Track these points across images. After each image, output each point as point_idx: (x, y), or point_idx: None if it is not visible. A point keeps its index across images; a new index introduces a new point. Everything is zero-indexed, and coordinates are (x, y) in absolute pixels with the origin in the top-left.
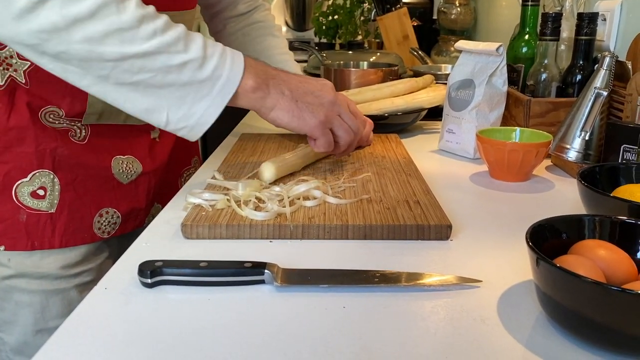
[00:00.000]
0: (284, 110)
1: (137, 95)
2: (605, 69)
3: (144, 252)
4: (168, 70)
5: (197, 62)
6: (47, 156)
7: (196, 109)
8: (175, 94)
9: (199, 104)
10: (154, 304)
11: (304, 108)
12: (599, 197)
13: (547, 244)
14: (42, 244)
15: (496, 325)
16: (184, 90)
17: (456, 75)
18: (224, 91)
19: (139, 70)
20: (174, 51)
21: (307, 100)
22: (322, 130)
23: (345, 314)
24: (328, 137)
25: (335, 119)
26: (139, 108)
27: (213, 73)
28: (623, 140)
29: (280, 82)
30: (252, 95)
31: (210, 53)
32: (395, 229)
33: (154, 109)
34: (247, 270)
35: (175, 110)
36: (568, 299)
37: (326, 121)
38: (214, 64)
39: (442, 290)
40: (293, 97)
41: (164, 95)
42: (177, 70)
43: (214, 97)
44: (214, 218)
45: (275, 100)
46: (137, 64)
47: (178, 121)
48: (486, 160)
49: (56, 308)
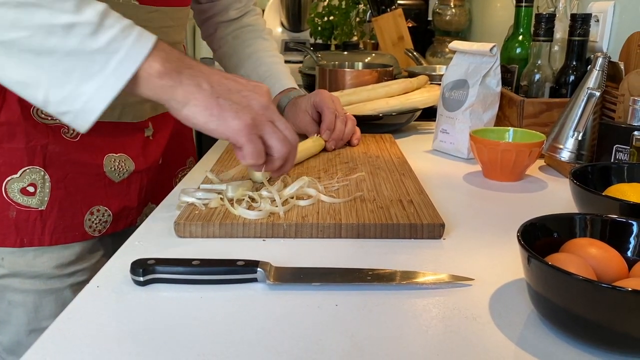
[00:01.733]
0: (201, 107)
1: (9, 61)
2: (598, 70)
3: (136, 251)
4: (50, 30)
5: (88, 28)
6: (38, 152)
7: (84, 89)
8: (57, 67)
9: (87, 83)
10: (146, 302)
11: (227, 107)
12: (590, 196)
13: (538, 243)
14: (31, 241)
15: (488, 323)
16: (69, 61)
17: (450, 76)
18: (120, 69)
19: (11, 25)
20: (59, 8)
21: (231, 99)
22: (248, 136)
23: (337, 312)
24: (256, 146)
25: (266, 124)
26: (11, 78)
27: (108, 45)
28: (615, 140)
29: (198, 73)
30: (158, 82)
31: (110, 23)
32: (388, 227)
33: (29, 82)
34: (240, 268)
35: (57, 88)
36: (559, 296)
37: (253, 125)
38: (112, 34)
39: (435, 289)
40: (214, 92)
41: (44, 66)
42: (61, 33)
43: (106, 75)
44: (207, 217)
45: (188, 93)
46: (10, 16)
47: (60, 103)
48: (479, 160)
49: (50, 308)
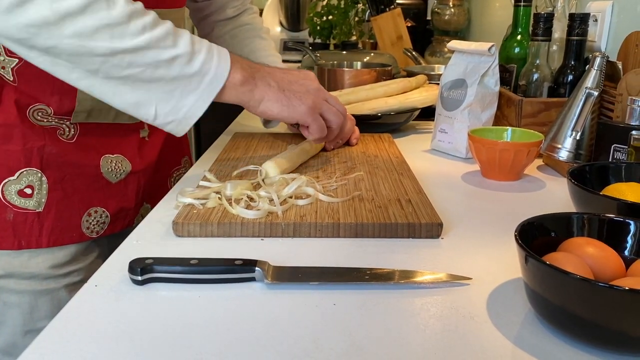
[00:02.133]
0: (273, 101)
1: (126, 89)
2: (596, 69)
3: (134, 250)
4: (157, 65)
5: (185, 57)
6: (35, 154)
7: (184, 103)
8: (163, 88)
9: (187, 98)
10: (144, 302)
11: (292, 96)
12: (588, 196)
13: (536, 242)
14: (29, 244)
15: (485, 322)
16: (172, 84)
17: (448, 75)
18: (212, 85)
19: (128, 65)
20: (162, 46)
21: (293, 89)
22: (313, 116)
23: (335, 311)
24: (320, 122)
25: (323, 103)
26: (127, 102)
27: (202, 67)
28: (613, 139)
29: (265, 74)
30: (240, 89)
31: (198, 48)
32: (386, 227)
33: (142, 103)
34: (238, 267)
35: (164, 105)
36: (556, 295)
37: (315, 107)
38: (202, 58)
39: (432, 288)
40: (280, 87)
41: (153, 90)
42: (166, 65)
43: (202, 91)
44: (206, 216)
45: (263, 92)
46: (127, 59)
47: (166, 115)
48: (478, 159)
49: (45, 308)
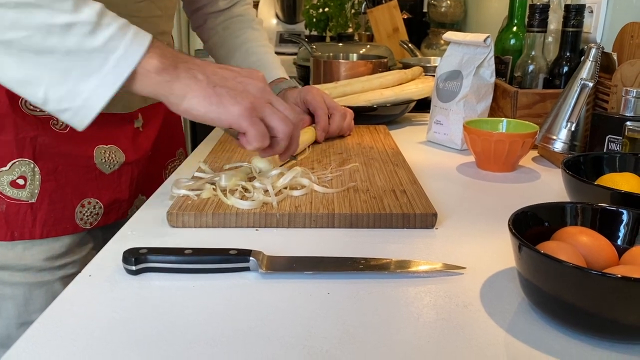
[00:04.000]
0: (200, 98)
1: (9, 60)
2: (591, 60)
3: (129, 240)
4: (49, 30)
5: (86, 27)
6: (27, 145)
7: (83, 87)
8: (57, 65)
9: (86, 82)
10: (138, 291)
11: (224, 94)
12: (582, 185)
13: (529, 231)
14: (22, 235)
15: (478, 311)
16: (68, 60)
17: (444, 67)
18: (119, 68)
19: (11, 25)
20: (58, 8)
21: (228, 86)
22: (250, 119)
23: (329, 300)
24: (259, 128)
25: (266, 106)
26: (10, 77)
27: (106, 43)
28: (608, 131)
29: (193, 65)
30: (156, 78)
31: (107, 22)
32: (381, 217)
33: (29, 80)
34: (232, 257)
35: (56, 86)
36: (549, 283)
37: (253, 108)
38: (109, 33)
39: (426, 277)
40: (210, 82)
41: (43, 64)
42: (60, 32)
43: (105, 74)
44: (200, 207)
45: (186, 87)
46: (9, 16)
47: (60, 100)
48: (473, 150)
49: (40, 301)
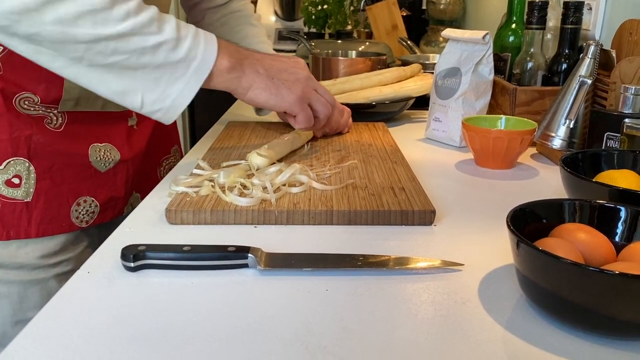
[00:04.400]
0: (261, 89)
1: (111, 77)
2: (590, 58)
3: (127, 237)
4: (142, 51)
5: (171, 43)
6: (22, 144)
7: (171, 91)
8: (149, 76)
9: (173, 86)
10: (137, 288)
11: (281, 85)
12: (580, 182)
13: (528, 228)
14: (18, 234)
15: (476, 307)
16: (158, 71)
17: (443, 64)
18: (199, 72)
19: (112, 52)
20: (147, 32)
21: (282, 77)
22: (301, 105)
23: (327, 297)
24: (307, 112)
25: (312, 93)
26: (113, 90)
27: (187, 54)
28: (607, 128)
29: (254, 61)
30: (228, 76)
31: (184, 34)
32: (379, 214)
33: (128, 91)
34: (231, 254)
35: (150, 92)
36: (547, 280)
37: (304, 96)
38: (188, 45)
39: (425, 274)
40: (269, 74)
41: (139, 77)
42: (151, 52)
43: (188, 78)
44: (199, 203)
45: (251, 80)
46: (111, 46)
47: (153, 103)
48: (471, 147)
49: (35, 298)
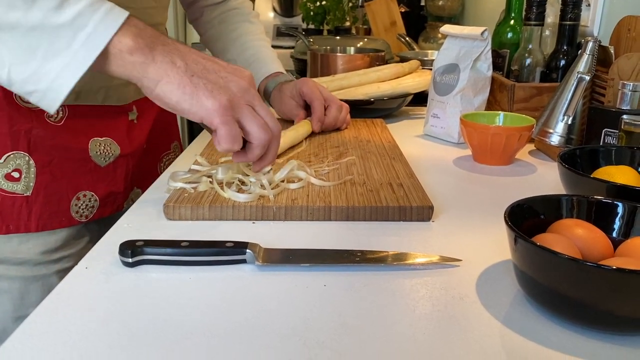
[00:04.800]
0: (174, 85)
1: None
2: (588, 54)
3: (125, 233)
4: (10, 3)
5: (52, 1)
6: (22, 137)
7: (50, 67)
8: (20, 43)
9: (53, 61)
10: (135, 283)
11: (201, 86)
12: (578, 178)
13: (525, 224)
14: (17, 228)
15: (474, 303)
16: (32, 37)
17: (441, 60)
18: (89, 46)
19: None
20: None
21: (208, 78)
22: (223, 117)
23: (325, 292)
24: (232, 130)
25: (245, 107)
26: None
27: (75, 20)
28: (605, 124)
29: (173, 50)
30: (129, 58)
31: None
32: (377, 210)
33: None
34: (229, 249)
35: (21, 66)
36: (545, 275)
37: (229, 107)
38: (78, 8)
39: (423, 269)
40: (188, 70)
41: (5, 41)
42: (23, 6)
43: (74, 52)
44: (197, 199)
45: (161, 70)
46: None
47: (24, 81)
48: (470, 144)
49: (36, 294)
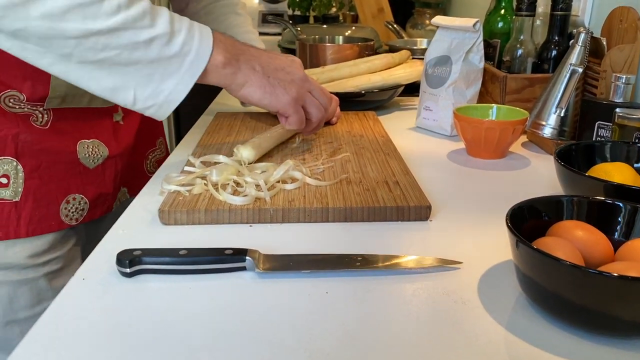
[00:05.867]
0: (256, 87)
1: (102, 73)
2: (581, 45)
3: (121, 240)
4: (134, 46)
5: (164, 38)
6: (9, 142)
7: (165, 87)
8: (142, 72)
9: (167, 82)
10: (133, 294)
11: (277, 84)
12: (575, 177)
13: (526, 225)
14: (7, 234)
15: (477, 308)
16: (151, 67)
17: (433, 52)
18: (193, 67)
19: (103, 48)
20: (139, 26)
21: (279, 76)
22: (295, 107)
23: (328, 300)
24: (300, 114)
25: (307, 95)
26: (104, 87)
27: (182, 49)
28: (598, 117)
29: (250, 57)
30: (223, 71)
31: (178, 28)
32: (375, 210)
33: (120, 87)
34: (228, 257)
35: (143, 89)
36: (547, 281)
37: (298, 98)
38: (182, 39)
39: (423, 273)
40: (265, 73)
41: (130, 73)
42: (144, 47)
43: (182, 73)
44: (192, 203)
45: (246, 77)
46: (102, 41)
47: (146, 99)
48: (463, 138)
49: (25, 298)
